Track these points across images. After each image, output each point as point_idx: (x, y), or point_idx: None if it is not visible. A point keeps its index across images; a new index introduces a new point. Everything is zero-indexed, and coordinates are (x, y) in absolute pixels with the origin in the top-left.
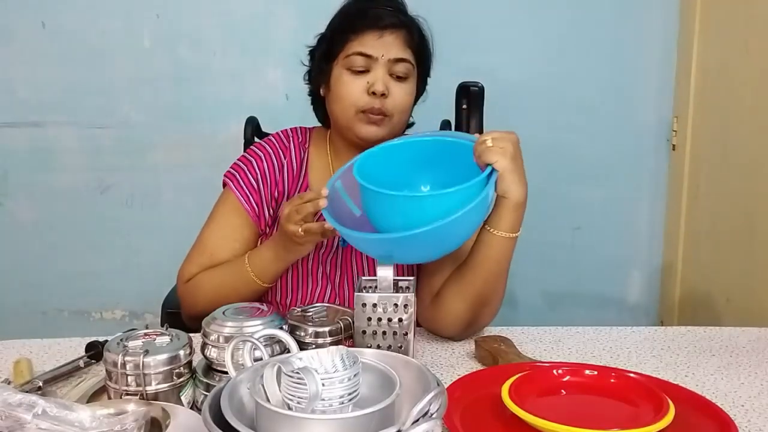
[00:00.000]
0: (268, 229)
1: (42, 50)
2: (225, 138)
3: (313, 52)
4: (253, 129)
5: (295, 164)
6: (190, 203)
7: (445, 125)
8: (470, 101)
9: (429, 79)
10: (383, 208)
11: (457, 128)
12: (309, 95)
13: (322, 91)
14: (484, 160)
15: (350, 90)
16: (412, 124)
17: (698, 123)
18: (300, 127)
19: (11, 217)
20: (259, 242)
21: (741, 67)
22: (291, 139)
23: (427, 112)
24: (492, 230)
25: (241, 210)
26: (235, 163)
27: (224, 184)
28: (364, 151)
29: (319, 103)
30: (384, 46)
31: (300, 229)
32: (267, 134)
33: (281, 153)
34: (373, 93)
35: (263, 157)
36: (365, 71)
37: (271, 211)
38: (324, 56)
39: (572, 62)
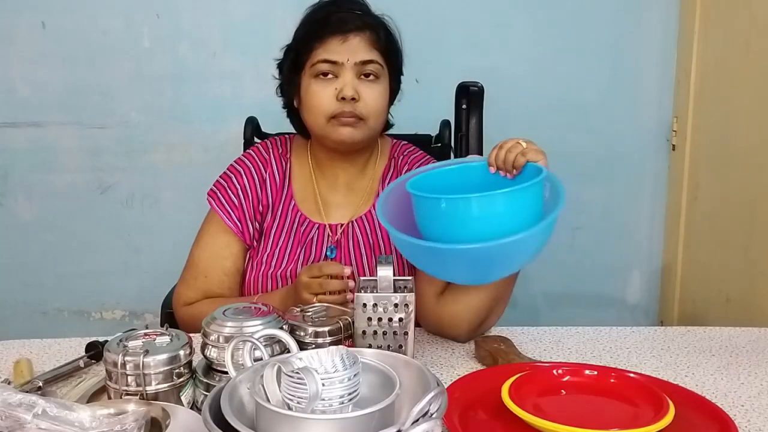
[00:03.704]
0: (255, 242)
1: (42, 50)
2: (225, 138)
3: (281, 65)
4: (253, 129)
5: (277, 176)
6: (190, 203)
7: (445, 125)
8: (470, 101)
9: (428, 79)
10: (439, 217)
11: (457, 128)
12: (284, 108)
13: (295, 103)
14: (529, 159)
15: (320, 98)
16: (392, 125)
17: (698, 123)
18: (280, 137)
19: (11, 217)
20: (246, 256)
21: (741, 67)
22: (271, 150)
23: (427, 112)
24: None
25: (226, 228)
26: (217, 181)
27: (209, 203)
28: (344, 157)
29: (295, 115)
30: (349, 50)
31: (315, 299)
32: (267, 134)
33: (261, 167)
34: (343, 98)
35: (243, 173)
36: (333, 77)
37: (256, 224)
38: (292, 68)
39: (572, 62)
